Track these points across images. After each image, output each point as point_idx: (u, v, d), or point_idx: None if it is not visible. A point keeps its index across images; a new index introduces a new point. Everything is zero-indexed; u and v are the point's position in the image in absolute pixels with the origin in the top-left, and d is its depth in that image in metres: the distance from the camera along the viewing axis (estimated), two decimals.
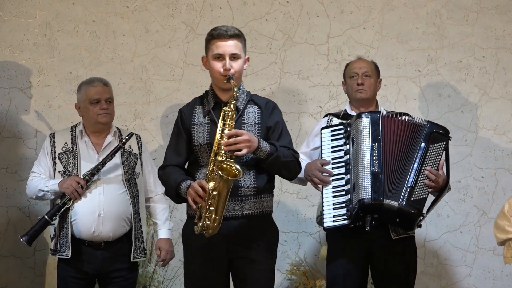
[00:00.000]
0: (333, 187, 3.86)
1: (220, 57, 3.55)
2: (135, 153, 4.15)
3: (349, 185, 3.84)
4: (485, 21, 4.92)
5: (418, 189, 3.76)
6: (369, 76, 4.10)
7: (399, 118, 3.88)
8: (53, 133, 4.17)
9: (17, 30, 4.90)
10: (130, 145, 4.14)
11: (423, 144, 3.82)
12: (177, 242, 4.82)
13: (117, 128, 4.21)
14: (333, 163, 3.85)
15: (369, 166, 3.76)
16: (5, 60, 4.89)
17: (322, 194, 3.91)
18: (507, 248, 3.20)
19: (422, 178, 3.78)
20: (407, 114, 4.00)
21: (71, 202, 3.97)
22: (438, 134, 3.86)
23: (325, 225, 3.85)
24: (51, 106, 4.89)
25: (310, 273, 4.76)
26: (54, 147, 4.10)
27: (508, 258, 3.19)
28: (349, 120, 3.97)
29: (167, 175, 3.61)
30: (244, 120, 3.57)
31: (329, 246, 4.03)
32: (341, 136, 3.92)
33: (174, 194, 3.56)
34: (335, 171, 3.84)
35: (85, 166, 4.03)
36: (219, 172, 3.35)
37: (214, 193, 3.37)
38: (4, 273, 4.81)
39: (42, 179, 4.07)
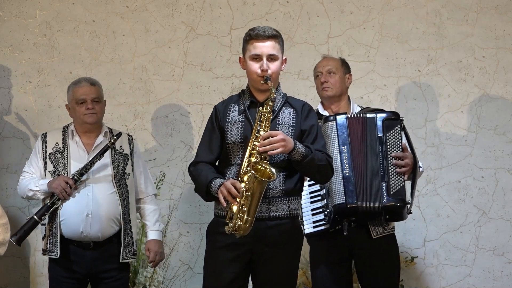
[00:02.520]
0: (310, 193, 3.88)
1: (257, 57, 3.52)
2: (126, 154, 4.14)
3: (324, 190, 3.87)
4: (485, 21, 4.92)
5: (393, 181, 3.79)
6: (334, 73, 4.09)
7: (360, 116, 3.89)
8: (45, 133, 4.16)
9: (17, 30, 4.90)
10: (121, 146, 4.13)
11: (379, 136, 3.84)
12: (177, 242, 4.83)
13: (108, 128, 4.18)
14: None
15: (340, 170, 3.80)
16: (5, 60, 4.89)
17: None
18: None
19: (392, 169, 3.79)
20: (382, 110, 4.01)
21: (60, 202, 3.97)
22: (390, 121, 3.88)
23: (305, 231, 3.88)
24: (51, 106, 4.89)
25: (310, 273, 4.76)
26: (46, 147, 4.09)
27: None
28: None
29: (198, 172, 3.57)
30: (279, 121, 3.55)
31: (312, 250, 4.04)
32: None
33: (205, 191, 3.52)
34: None
35: (75, 166, 4.02)
36: (253, 173, 3.33)
37: (247, 193, 3.35)
38: (4, 273, 4.81)
39: (33, 179, 4.07)
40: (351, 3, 4.96)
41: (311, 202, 3.87)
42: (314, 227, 3.86)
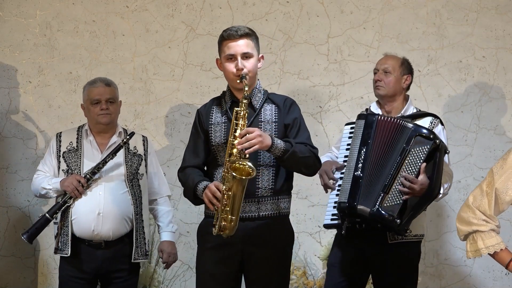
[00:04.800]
0: (338, 186, 3.85)
1: (232, 57, 3.53)
2: (139, 154, 4.16)
3: None
4: (485, 21, 4.92)
5: (391, 195, 3.67)
6: (389, 72, 4.01)
7: (395, 121, 3.78)
8: (60, 133, 4.20)
9: (17, 30, 4.90)
10: (135, 146, 4.16)
11: (403, 148, 3.71)
12: (177, 242, 4.82)
13: (123, 128, 4.21)
14: (345, 161, 3.84)
15: (352, 170, 3.75)
16: (5, 60, 4.90)
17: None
18: (470, 242, 3.03)
19: (397, 184, 3.68)
20: (435, 116, 3.94)
21: (71, 200, 3.99)
22: (422, 137, 3.71)
23: (324, 222, 3.86)
24: (51, 106, 4.89)
25: (310, 273, 4.76)
26: (60, 146, 4.12)
27: (472, 252, 3.05)
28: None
29: (186, 176, 3.61)
30: (261, 118, 3.57)
31: (332, 249, 4.02)
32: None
33: (192, 195, 3.56)
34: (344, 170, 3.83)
35: (88, 165, 4.05)
36: (232, 172, 3.34)
37: (229, 193, 3.36)
38: (4, 273, 4.82)
39: (46, 177, 4.10)
40: (351, 3, 4.97)
41: (337, 195, 3.84)
42: (332, 219, 3.83)
